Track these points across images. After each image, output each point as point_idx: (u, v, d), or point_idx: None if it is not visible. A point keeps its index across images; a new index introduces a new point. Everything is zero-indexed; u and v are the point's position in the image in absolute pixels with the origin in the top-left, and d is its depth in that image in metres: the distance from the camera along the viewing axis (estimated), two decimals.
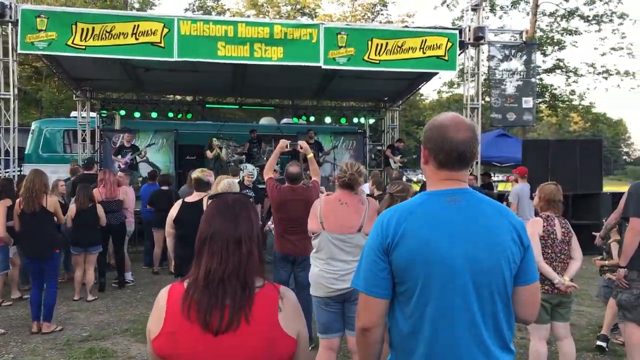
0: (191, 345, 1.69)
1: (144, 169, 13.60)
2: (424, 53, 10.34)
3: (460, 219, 1.89)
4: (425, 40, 10.32)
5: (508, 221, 1.94)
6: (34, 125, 16.47)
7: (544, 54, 26.62)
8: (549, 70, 27.21)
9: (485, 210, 1.94)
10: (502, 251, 1.89)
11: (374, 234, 1.96)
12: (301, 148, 5.78)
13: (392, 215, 1.94)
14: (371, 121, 17.52)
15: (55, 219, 6.46)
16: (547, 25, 27.24)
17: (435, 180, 1.99)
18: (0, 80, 9.81)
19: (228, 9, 35.56)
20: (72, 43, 9.19)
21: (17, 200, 6.37)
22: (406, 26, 12.38)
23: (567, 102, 28.23)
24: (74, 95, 15.19)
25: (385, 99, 16.63)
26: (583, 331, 6.40)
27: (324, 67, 10.07)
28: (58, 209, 6.36)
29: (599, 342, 5.69)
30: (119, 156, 12.97)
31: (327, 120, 16.83)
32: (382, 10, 34.98)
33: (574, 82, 27.60)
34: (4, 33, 9.90)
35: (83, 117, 14.99)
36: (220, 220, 1.82)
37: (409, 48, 10.25)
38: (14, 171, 10.08)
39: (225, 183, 5.38)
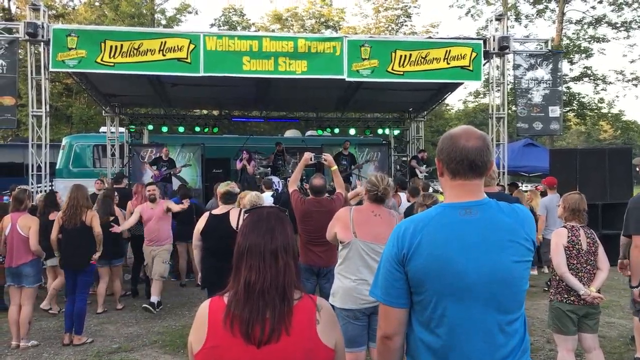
0: (235, 358, 1.72)
1: (175, 183, 13.77)
2: (448, 64, 10.34)
3: (475, 231, 1.90)
4: (449, 50, 10.32)
5: (524, 231, 1.96)
6: (64, 141, 16.88)
7: (571, 62, 26.35)
8: (576, 79, 26.90)
9: (502, 221, 1.95)
10: (518, 262, 1.92)
11: (390, 245, 1.99)
12: (325, 161, 5.80)
13: (407, 226, 1.96)
14: (396, 132, 17.51)
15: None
16: (573, 33, 27.02)
17: (451, 192, 2.01)
18: (33, 97, 10.08)
19: (253, 24, 36.03)
20: (101, 60, 9.42)
21: (59, 215, 6.58)
22: (430, 37, 12.38)
23: (596, 111, 27.82)
24: (103, 111, 15.52)
25: (410, 109, 16.60)
26: (614, 343, 6.27)
27: (347, 79, 10.14)
28: (95, 222, 6.50)
29: None
30: (154, 167, 13.16)
31: (352, 132, 16.88)
32: (405, 21, 35.06)
33: (602, 90, 27.28)
34: (36, 52, 10.18)
35: (112, 132, 15.28)
36: (256, 234, 1.86)
37: (433, 59, 10.26)
38: (45, 186, 10.32)
39: (250, 196, 5.49)
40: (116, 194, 8.79)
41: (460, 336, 1.87)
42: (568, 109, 25.96)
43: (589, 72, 26.69)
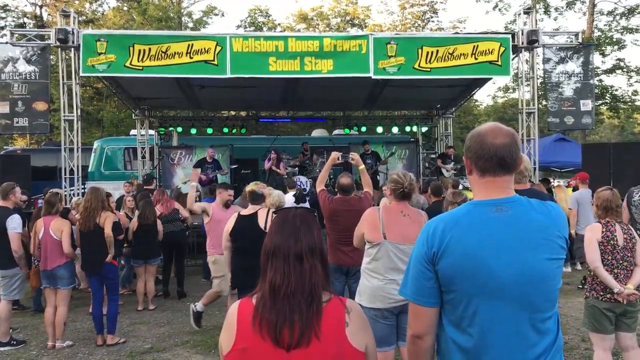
0: None
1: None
2: (475, 59, 10.20)
3: (506, 229, 1.88)
4: (477, 45, 10.18)
5: (557, 228, 1.93)
6: (95, 144, 17.17)
7: (603, 55, 25.82)
8: (608, 71, 26.36)
9: (534, 219, 1.91)
10: (550, 260, 1.88)
11: (420, 243, 1.96)
12: (353, 160, 5.78)
13: (437, 224, 1.94)
14: (424, 129, 17.35)
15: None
16: (605, 25, 26.46)
17: (481, 189, 1.98)
18: (65, 102, 10.27)
19: (279, 24, 36.13)
20: (130, 64, 9.56)
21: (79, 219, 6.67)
22: (457, 33, 12.25)
23: (630, 103, 27.22)
24: (133, 114, 15.75)
25: (438, 106, 16.46)
26: None
27: (374, 77, 10.09)
28: (107, 223, 6.44)
29: None
30: (199, 169, 13.21)
31: (379, 130, 16.80)
32: (432, 17, 34.77)
33: (636, 81, 26.67)
34: (67, 57, 10.37)
35: (142, 135, 15.50)
36: (280, 235, 1.85)
37: (460, 54, 10.14)
38: (78, 189, 10.51)
39: (271, 198, 5.51)
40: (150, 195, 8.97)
41: (493, 335, 1.84)
42: (600, 102, 25.44)
43: (622, 64, 26.15)
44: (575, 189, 11.07)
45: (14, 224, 6.43)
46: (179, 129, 16.42)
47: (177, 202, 9.24)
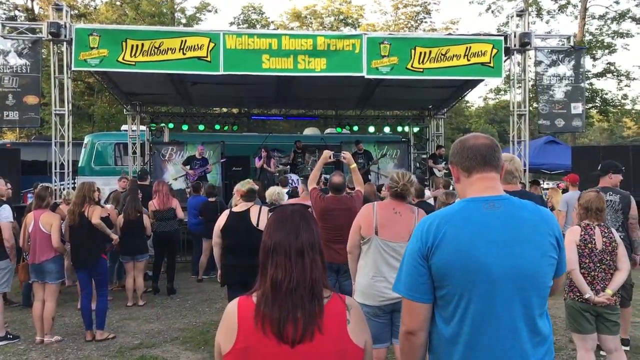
0: (268, 358, 1.71)
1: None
2: (468, 60, 10.24)
3: (499, 225, 1.91)
4: (470, 47, 10.23)
5: (548, 227, 1.96)
6: (86, 139, 17.05)
7: (594, 58, 25.99)
8: (599, 75, 26.54)
9: (525, 216, 1.95)
10: (541, 256, 1.91)
11: (414, 240, 1.99)
12: (344, 159, 5.79)
13: (432, 221, 1.98)
14: (415, 130, 17.39)
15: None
16: (596, 29, 26.64)
17: (471, 189, 2.03)
18: (56, 96, 10.21)
19: (272, 22, 36.09)
20: (123, 59, 9.51)
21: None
22: (450, 34, 12.29)
23: (619, 107, 27.43)
24: (125, 110, 15.66)
25: (430, 107, 16.51)
26: (639, 342, 6.17)
27: (367, 76, 10.11)
28: (95, 215, 6.40)
29: None
30: (188, 166, 13.29)
31: (371, 129, 16.83)
32: (425, 18, 34.86)
33: (626, 86, 26.89)
34: (59, 51, 10.31)
35: (133, 131, 15.41)
36: (280, 232, 1.85)
37: (453, 55, 10.18)
38: (68, 183, 10.45)
39: (269, 193, 5.50)
40: (139, 190, 8.90)
41: (484, 331, 1.87)
42: (591, 105, 25.61)
43: (612, 68, 26.34)
44: (564, 191, 11.14)
45: (6, 213, 6.42)
46: (171, 125, 16.35)
47: (175, 200, 9.17)
